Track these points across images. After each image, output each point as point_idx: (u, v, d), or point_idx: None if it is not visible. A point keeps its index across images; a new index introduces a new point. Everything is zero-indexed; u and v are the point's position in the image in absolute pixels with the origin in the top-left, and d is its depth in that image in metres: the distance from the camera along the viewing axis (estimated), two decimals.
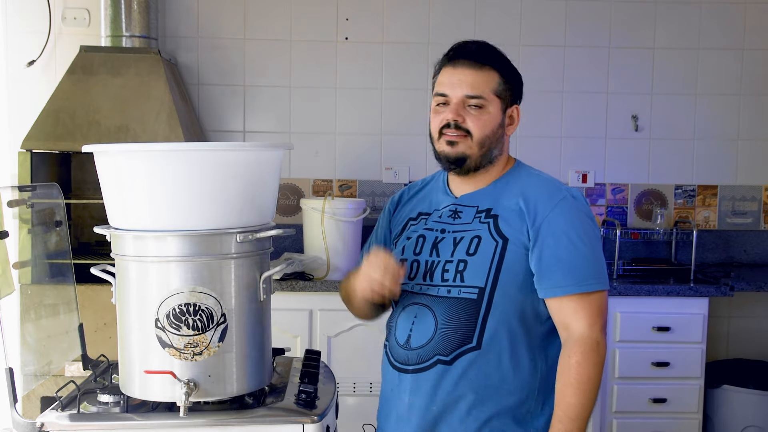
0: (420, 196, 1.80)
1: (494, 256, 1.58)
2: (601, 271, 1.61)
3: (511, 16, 3.58)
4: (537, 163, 3.77)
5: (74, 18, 3.46)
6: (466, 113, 1.62)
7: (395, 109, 3.58)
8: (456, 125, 1.61)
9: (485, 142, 1.63)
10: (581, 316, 1.55)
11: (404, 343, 1.64)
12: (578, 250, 1.58)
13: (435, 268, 1.64)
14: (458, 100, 1.62)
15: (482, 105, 1.62)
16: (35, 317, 1.96)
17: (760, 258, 3.70)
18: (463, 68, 1.63)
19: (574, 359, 1.53)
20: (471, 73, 1.62)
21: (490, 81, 1.63)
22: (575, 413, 1.52)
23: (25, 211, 1.82)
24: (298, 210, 3.59)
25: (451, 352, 1.58)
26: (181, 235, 1.45)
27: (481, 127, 1.62)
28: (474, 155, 1.63)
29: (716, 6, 3.62)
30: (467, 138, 1.62)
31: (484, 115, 1.62)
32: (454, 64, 1.64)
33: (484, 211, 1.65)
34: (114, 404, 1.53)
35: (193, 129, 3.33)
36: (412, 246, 1.69)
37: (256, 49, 3.56)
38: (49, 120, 3.02)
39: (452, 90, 1.63)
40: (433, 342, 1.60)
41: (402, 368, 1.64)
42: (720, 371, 3.33)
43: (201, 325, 1.45)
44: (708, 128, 3.67)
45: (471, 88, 1.62)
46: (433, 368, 1.60)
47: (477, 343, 1.58)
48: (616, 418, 3.12)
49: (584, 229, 1.61)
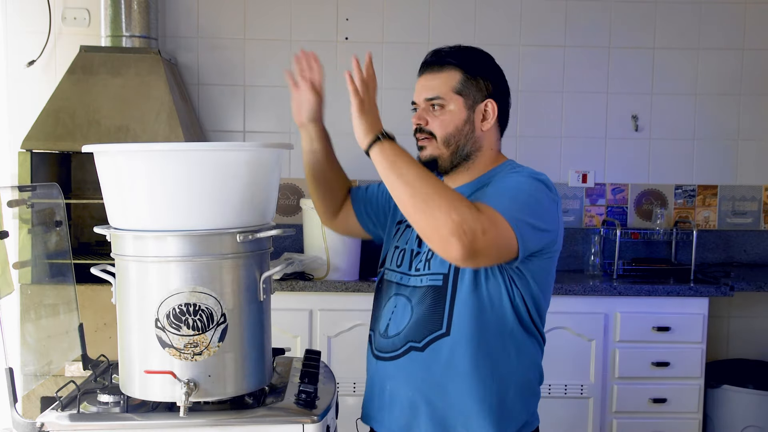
0: None
1: None
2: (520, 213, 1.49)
3: (511, 16, 3.58)
4: (537, 163, 3.78)
5: (74, 18, 3.46)
6: (428, 116, 1.67)
7: (395, 109, 3.56)
8: (420, 129, 1.67)
9: (450, 140, 1.65)
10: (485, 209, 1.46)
11: (383, 331, 1.69)
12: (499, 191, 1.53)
13: (414, 258, 1.69)
14: (422, 105, 1.68)
15: (442, 105, 1.65)
16: (35, 317, 1.96)
17: (760, 258, 3.70)
18: (425, 74, 1.70)
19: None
20: (430, 77, 1.68)
21: (449, 80, 1.65)
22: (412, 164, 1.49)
23: (25, 211, 1.82)
24: (298, 210, 3.59)
25: (422, 338, 1.62)
26: (181, 235, 1.45)
27: (443, 126, 1.65)
28: (443, 155, 1.66)
29: (716, 6, 3.62)
30: (432, 140, 1.66)
31: (444, 114, 1.65)
32: (420, 73, 1.71)
33: None
34: (114, 404, 1.53)
35: (193, 129, 3.33)
36: (400, 234, 1.76)
37: (256, 49, 3.56)
38: (49, 120, 3.02)
39: (417, 96, 1.70)
40: (406, 329, 1.64)
41: (381, 356, 1.69)
42: (720, 371, 3.33)
43: (201, 325, 1.45)
44: (708, 128, 3.67)
45: (429, 91, 1.67)
46: (407, 355, 1.63)
47: (446, 330, 1.60)
48: (616, 418, 3.12)
49: (517, 182, 1.55)
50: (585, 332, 3.08)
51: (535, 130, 3.63)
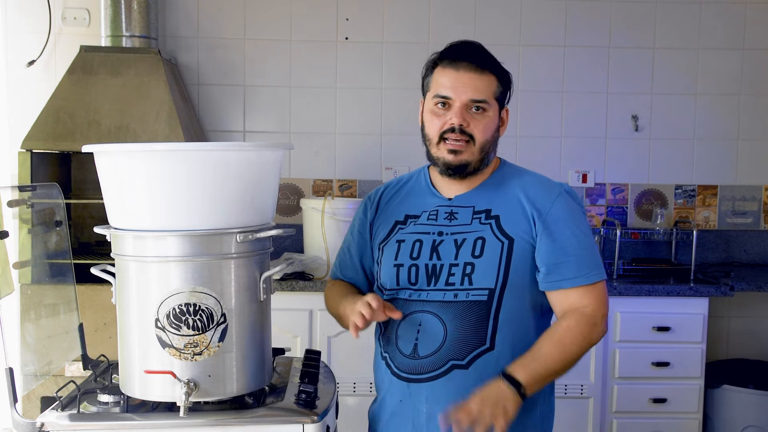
0: (401, 197, 1.77)
1: (501, 256, 1.59)
2: (600, 261, 1.64)
3: (511, 16, 3.58)
4: (537, 163, 3.79)
5: (74, 18, 3.46)
6: (470, 117, 1.61)
7: (395, 109, 3.58)
8: (461, 130, 1.60)
9: (486, 146, 1.64)
10: (587, 302, 1.58)
11: (410, 353, 1.62)
12: (581, 243, 1.60)
13: (440, 272, 1.62)
14: (462, 103, 1.61)
15: (485, 109, 1.62)
16: (35, 317, 1.96)
17: (760, 258, 3.70)
18: (466, 71, 1.61)
19: (565, 323, 1.55)
20: (475, 77, 1.61)
21: (491, 85, 1.63)
22: (543, 359, 1.52)
23: (25, 211, 1.82)
24: (298, 210, 3.59)
25: (466, 355, 1.58)
26: (181, 235, 1.45)
27: (484, 131, 1.62)
28: (474, 160, 1.63)
29: (716, 6, 3.62)
30: (470, 144, 1.61)
31: (485, 119, 1.62)
32: (456, 65, 1.62)
33: (482, 212, 1.64)
34: (114, 404, 1.53)
35: (193, 129, 3.33)
36: (407, 250, 1.67)
37: (256, 49, 3.56)
38: (49, 120, 3.02)
39: (456, 93, 1.61)
40: (445, 348, 1.59)
41: (412, 378, 1.62)
42: (720, 371, 3.33)
43: (201, 325, 1.45)
44: (708, 128, 3.67)
45: (476, 92, 1.61)
46: (449, 374, 1.58)
47: (490, 344, 1.58)
48: (616, 418, 3.12)
49: (582, 222, 1.64)
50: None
51: (535, 130, 3.63)
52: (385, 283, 1.70)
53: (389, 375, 1.66)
